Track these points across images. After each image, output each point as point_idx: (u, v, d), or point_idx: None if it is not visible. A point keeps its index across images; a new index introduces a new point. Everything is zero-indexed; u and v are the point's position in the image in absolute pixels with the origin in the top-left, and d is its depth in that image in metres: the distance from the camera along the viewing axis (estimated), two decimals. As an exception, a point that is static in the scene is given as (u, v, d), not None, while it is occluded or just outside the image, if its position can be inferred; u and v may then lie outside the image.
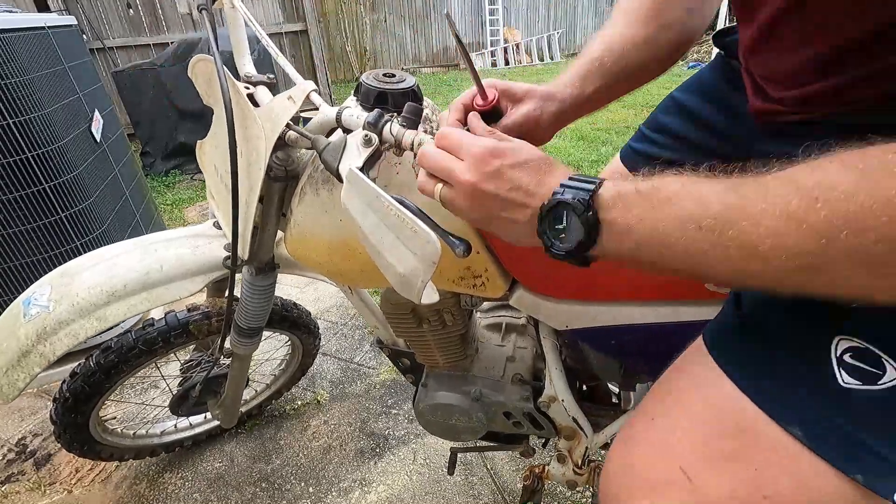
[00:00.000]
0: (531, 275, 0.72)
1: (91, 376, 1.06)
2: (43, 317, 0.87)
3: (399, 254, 0.46)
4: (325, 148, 0.57)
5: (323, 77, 5.44)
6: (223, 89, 0.61)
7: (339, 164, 0.55)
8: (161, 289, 0.92)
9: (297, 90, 0.62)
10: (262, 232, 0.81)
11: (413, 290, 0.46)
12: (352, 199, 0.50)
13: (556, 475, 0.97)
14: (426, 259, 0.43)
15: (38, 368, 0.87)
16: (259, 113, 0.65)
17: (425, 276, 0.44)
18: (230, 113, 0.61)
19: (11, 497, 1.32)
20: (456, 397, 0.90)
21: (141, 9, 4.65)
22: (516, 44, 8.86)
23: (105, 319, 0.89)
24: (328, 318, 2.00)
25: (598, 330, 0.72)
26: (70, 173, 1.56)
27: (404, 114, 0.55)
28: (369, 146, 0.54)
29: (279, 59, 0.71)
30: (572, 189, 0.41)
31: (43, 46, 1.58)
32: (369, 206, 0.48)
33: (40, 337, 0.87)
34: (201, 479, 1.36)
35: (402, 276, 0.46)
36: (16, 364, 0.88)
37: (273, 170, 0.70)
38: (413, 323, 0.85)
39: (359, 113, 0.59)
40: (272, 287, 0.94)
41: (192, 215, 3.10)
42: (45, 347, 0.87)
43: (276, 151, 0.68)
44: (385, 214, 0.46)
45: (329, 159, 0.56)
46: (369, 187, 0.47)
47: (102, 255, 0.95)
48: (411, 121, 0.54)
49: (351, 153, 0.55)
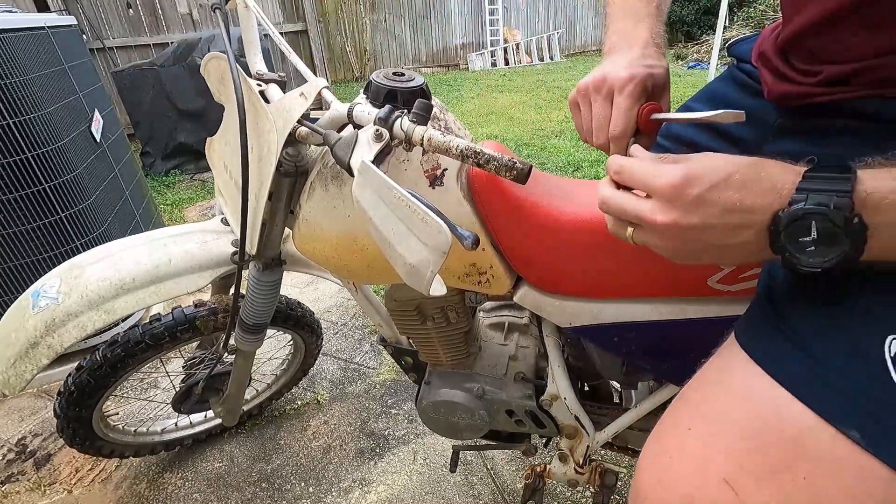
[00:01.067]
0: (536, 272, 0.72)
1: (97, 370, 1.06)
2: (52, 308, 0.88)
3: (409, 244, 0.46)
4: (337, 143, 0.58)
5: (323, 77, 5.44)
6: (236, 86, 0.62)
7: (351, 158, 0.56)
8: (170, 282, 0.93)
9: (310, 87, 0.63)
10: (269, 228, 0.82)
11: (422, 280, 0.46)
12: (363, 191, 0.50)
13: (558, 474, 0.97)
14: (437, 249, 0.44)
15: (46, 360, 0.88)
16: (270, 109, 0.66)
17: (435, 267, 0.45)
18: (242, 110, 0.62)
19: (11, 497, 1.32)
20: (459, 395, 0.91)
21: (141, 9, 4.66)
22: (516, 44, 8.86)
23: (113, 312, 0.89)
24: (328, 318, 2.00)
25: (601, 327, 0.72)
26: (70, 173, 1.56)
27: (415, 110, 0.55)
28: (380, 141, 0.55)
29: (291, 56, 0.73)
30: (818, 192, 0.34)
31: (43, 46, 1.58)
32: (381, 198, 0.48)
33: (49, 328, 0.87)
34: (201, 479, 1.36)
35: (412, 267, 0.47)
36: (24, 355, 0.88)
37: (283, 165, 0.70)
38: (417, 320, 0.86)
39: (370, 109, 0.60)
40: (278, 283, 0.95)
41: (193, 215, 3.09)
42: (54, 339, 0.87)
43: (287, 147, 0.69)
44: (396, 205, 0.46)
45: (340, 154, 0.57)
46: (382, 178, 0.48)
47: (111, 249, 0.96)
48: (421, 117, 0.55)
49: (362, 147, 0.56)
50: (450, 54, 8.80)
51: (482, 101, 5.87)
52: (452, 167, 0.66)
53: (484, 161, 0.51)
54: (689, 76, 6.58)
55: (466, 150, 0.51)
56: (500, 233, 0.68)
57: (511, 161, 0.50)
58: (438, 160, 0.66)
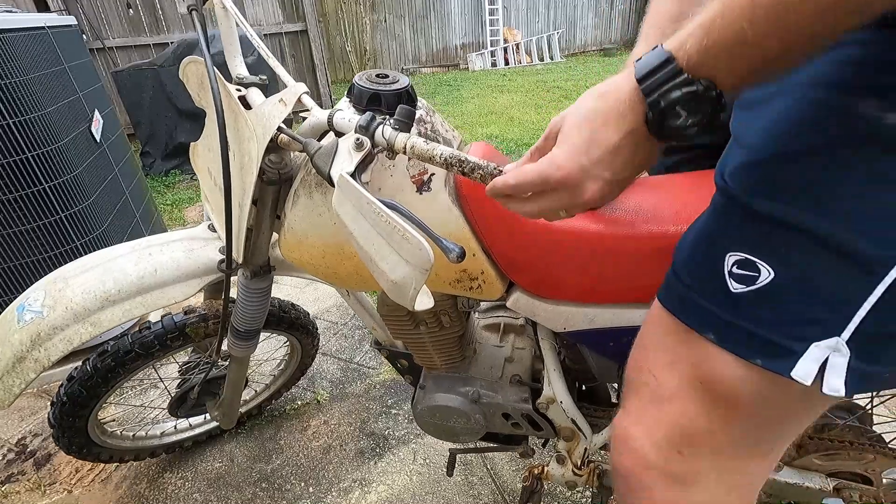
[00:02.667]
0: (528, 277, 0.72)
1: (88, 380, 1.05)
2: (37, 322, 0.87)
3: (391, 261, 0.45)
4: (317, 152, 0.56)
5: (323, 77, 5.44)
6: (213, 92, 0.61)
7: (331, 168, 0.54)
8: (156, 293, 0.91)
9: (289, 93, 0.62)
10: (256, 235, 0.81)
11: (406, 297, 0.45)
12: (343, 205, 0.49)
13: (556, 476, 0.97)
14: (419, 266, 0.43)
15: (34, 374, 0.87)
16: (250, 116, 0.64)
17: (418, 284, 0.44)
18: (221, 116, 0.61)
19: (11, 497, 1.32)
20: (454, 399, 0.90)
21: (141, 9, 4.65)
22: (516, 44, 8.85)
23: (99, 324, 0.88)
24: (328, 318, 2.00)
25: (595, 332, 0.72)
26: (70, 173, 1.56)
27: (397, 116, 0.54)
28: (361, 150, 0.53)
29: (270, 60, 0.71)
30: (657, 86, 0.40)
31: (43, 46, 1.58)
32: (360, 212, 0.47)
33: (34, 343, 0.87)
34: (201, 479, 1.36)
35: (395, 284, 0.46)
36: (10, 370, 0.87)
37: (266, 173, 0.69)
38: (410, 325, 0.85)
39: (350, 116, 0.59)
40: (268, 290, 0.94)
41: (192, 215, 3.10)
42: (40, 353, 0.87)
43: (269, 154, 0.68)
44: (376, 221, 0.45)
45: (320, 164, 0.55)
46: (360, 193, 0.46)
47: (96, 259, 0.94)
48: (404, 124, 0.54)
49: (342, 157, 0.54)
50: (450, 54, 8.80)
51: (482, 101, 5.87)
52: (440, 172, 0.65)
53: (469, 169, 0.50)
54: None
55: (451, 158, 0.50)
56: (489, 238, 0.68)
57: (497, 169, 0.49)
58: (425, 165, 0.64)
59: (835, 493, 0.89)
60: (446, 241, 0.44)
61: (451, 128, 0.73)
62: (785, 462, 0.92)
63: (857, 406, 0.93)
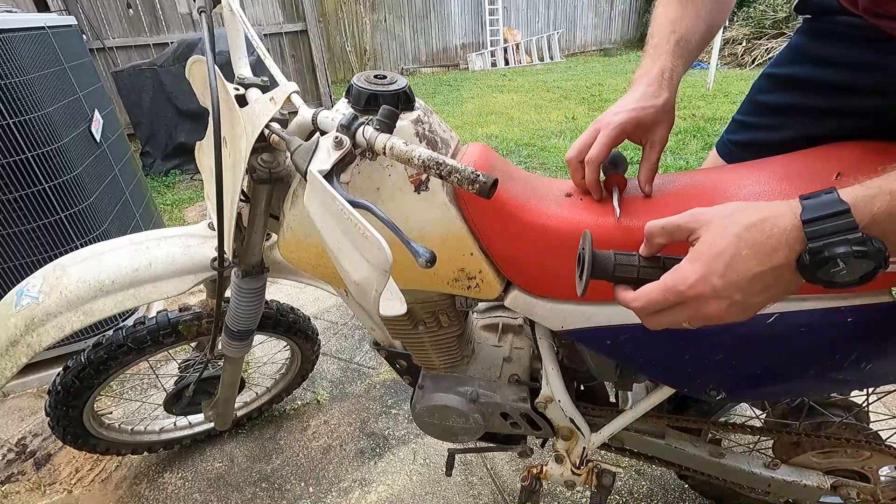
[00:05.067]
0: (526, 276, 0.72)
1: (81, 371, 1.07)
2: (32, 307, 0.88)
3: (353, 260, 0.44)
4: (297, 149, 0.56)
5: (323, 77, 5.44)
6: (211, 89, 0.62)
7: (308, 165, 0.53)
8: (149, 286, 0.92)
9: (279, 91, 0.63)
10: (249, 234, 0.81)
11: (368, 298, 0.44)
12: (311, 202, 0.48)
13: (555, 475, 0.98)
14: (378, 267, 0.42)
15: (25, 359, 0.88)
16: (242, 113, 0.65)
17: (379, 286, 0.43)
18: (217, 112, 0.62)
19: (11, 497, 1.33)
20: (453, 399, 0.91)
21: (141, 9, 4.65)
22: (516, 44, 8.85)
23: (91, 314, 0.89)
24: (328, 318, 2.00)
25: (593, 330, 0.72)
26: (70, 173, 1.56)
27: (378, 117, 0.53)
28: (340, 148, 0.53)
29: (266, 60, 0.72)
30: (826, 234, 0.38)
31: (43, 46, 1.58)
32: (327, 209, 0.46)
33: (28, 327, 0.88)
34: (201, 479, 1.36)
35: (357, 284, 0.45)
36: (4, 353, 0.89)
37: (257, 171, 0.69)
38: (409, 325, 0.85)
39: (334, 115, 0.59)
40: (261, 291, 0.94)
41: (192, 215, 3.10)
42: (33, 338, 0.88)
43: (262, 153, 0.68)
44: (340, 218, 0.44)
45: (298, 161, 0.54)
46: (326, 189, 0.45)
47: (96, 250, 0.96)
48: (385, 125, 0.53)
49: (321, 155, 0.54)
50: (450, 54, 8.80)
51: (482, 101, 5.87)
52: None
53: (446, 173, 0.48)
54: (689, 76, 6.56)
55: (429, 161, 0.49)
56: (487, 237, 0.68)
57: (474, 174, 0.47)
58: None
59: (832, 491, 0.90)
60: (416, 245, 0.43)
61: (448, 128, 0.73)
62: (782, 460, 0.92)
63: (854, 404, 0.93)
